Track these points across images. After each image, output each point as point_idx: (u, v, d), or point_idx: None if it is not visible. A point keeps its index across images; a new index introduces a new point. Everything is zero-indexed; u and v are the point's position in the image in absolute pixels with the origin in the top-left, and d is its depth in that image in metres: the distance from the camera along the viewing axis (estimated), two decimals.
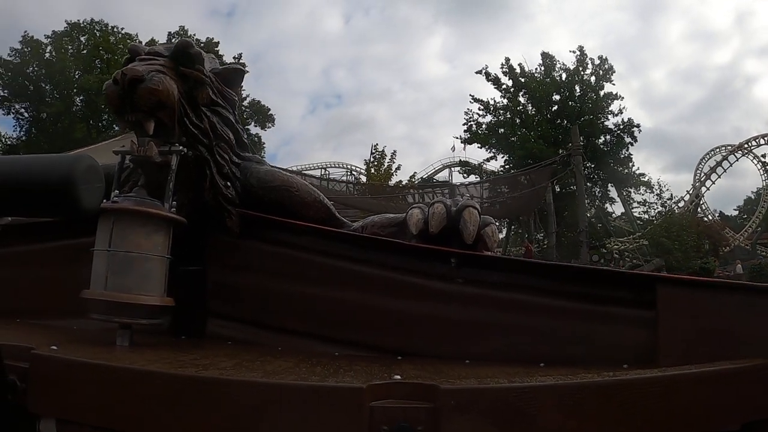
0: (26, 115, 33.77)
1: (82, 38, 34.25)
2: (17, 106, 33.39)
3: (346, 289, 1.56)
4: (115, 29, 35.01)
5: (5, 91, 33.06)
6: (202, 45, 34.77)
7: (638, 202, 31.50)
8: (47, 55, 33.35)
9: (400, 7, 75.63)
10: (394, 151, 33.06)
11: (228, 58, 35.57)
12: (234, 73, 1.76)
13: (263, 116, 38.04)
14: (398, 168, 32.41)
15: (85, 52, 33.99)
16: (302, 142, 75.90)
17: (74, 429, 1.04)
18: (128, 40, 34.39)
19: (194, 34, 35.35)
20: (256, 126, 37.88)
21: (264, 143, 38.53)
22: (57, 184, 0.74)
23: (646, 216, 30.20)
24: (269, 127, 39.13)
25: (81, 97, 33.02)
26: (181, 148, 1.54)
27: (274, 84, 68.14)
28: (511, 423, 0.95)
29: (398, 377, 1.04)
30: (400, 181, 29.96)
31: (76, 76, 32.66)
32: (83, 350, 1.25)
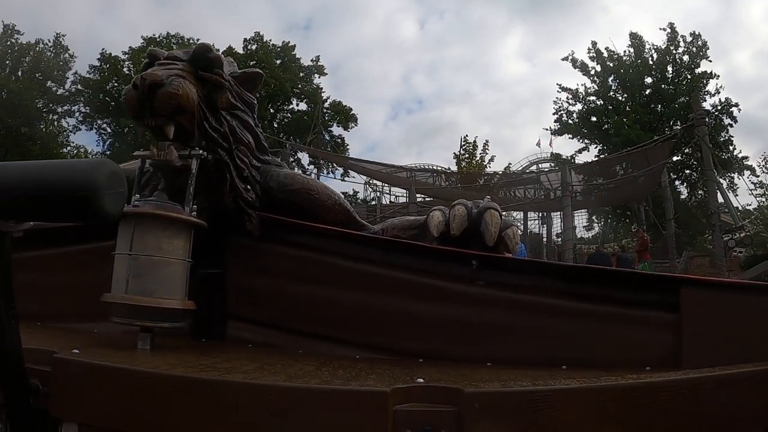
0: (109, 130, 34.44)
1: None
2: (99, 122, 34.20)
3: (366, 292, 1.56)
4: (191, 41, 35.02)
5: (87, 108, 33.82)
6: (278, 49, 35.25)
7: (755, 184, 27.55)
8: (126, 70, 33.77)
9: (473, 8, 74.65)
10: (486, 141, 31.20)
11: (305, 63, 36.38)
12: (253, 77, 1.77)
13: (345, 116, 36.91)
14: (492, 159, 30.53)
15: None
16: (386, 148, 74.87)
17: None
18: None
19: (270, 40, 35.73)
20: (338, 126, 37.02)
21: (347, 145, 37.60)
22: (80, 190, 0.74)
23: (763, 200, 26.39)
24: (352, 128, 37.81)
25: None
26: (201, 152, 1.54)
27: (355, 93, 68.08)
28: (535, 426, 0.94)
29: (421, 380, 1.03)
30: (495, 173, 27.86)
31: None
32: (105, 354, 1.25)
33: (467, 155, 30.58)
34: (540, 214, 23.71)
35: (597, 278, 1.41)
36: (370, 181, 26.96)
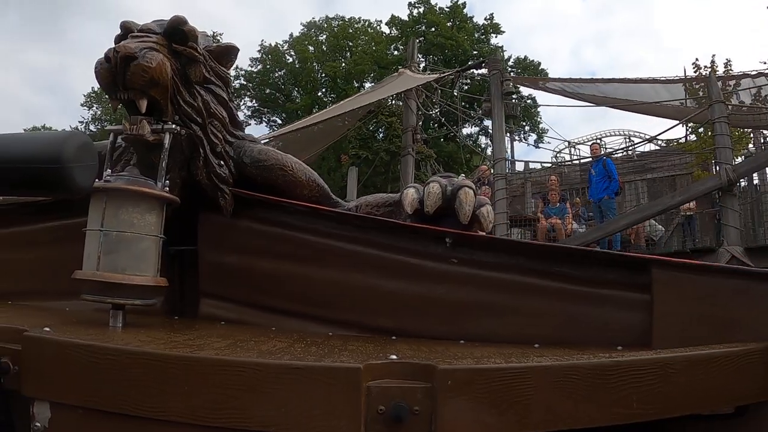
0: (279, 121, 33.08)
1: (321, 37, 33.92)
2: (269, 117, 33.58)
3: (339, 269, 1.56)
4: (353, 20, 34.36)
5: (255, 102, 33.24)
6: (447, 11, 32.95)
7: None
8: (289, 59, 33.32)
9: None
10: (728, 60, 24.85)
11: (478, 21, 33.73)
12: (227, 51, 1.74)
13: (534, 72, 32.35)
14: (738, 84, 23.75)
15: (325, 48, 33.60)
16: (565, 124, 72.26)
17: (68, 411, 1.03)
18: (369, 29, 34.20)
19: (436, 2, 33.40)
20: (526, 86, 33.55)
21: (539, 105, 31.77)
22: (48, 163, 0.72)
23: None
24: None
25: (323, 88, 32.80)
26: (174, 126, 1.52)
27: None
28: (507, 403, 0.95)
29: (394, 357, 1.04)
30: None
31: (317, 67, 32.41)
32: (76, 331, 1.24)
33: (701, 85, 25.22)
34: None
35: (569, 257, 1.42)
36: (561, 152, 23.96)
